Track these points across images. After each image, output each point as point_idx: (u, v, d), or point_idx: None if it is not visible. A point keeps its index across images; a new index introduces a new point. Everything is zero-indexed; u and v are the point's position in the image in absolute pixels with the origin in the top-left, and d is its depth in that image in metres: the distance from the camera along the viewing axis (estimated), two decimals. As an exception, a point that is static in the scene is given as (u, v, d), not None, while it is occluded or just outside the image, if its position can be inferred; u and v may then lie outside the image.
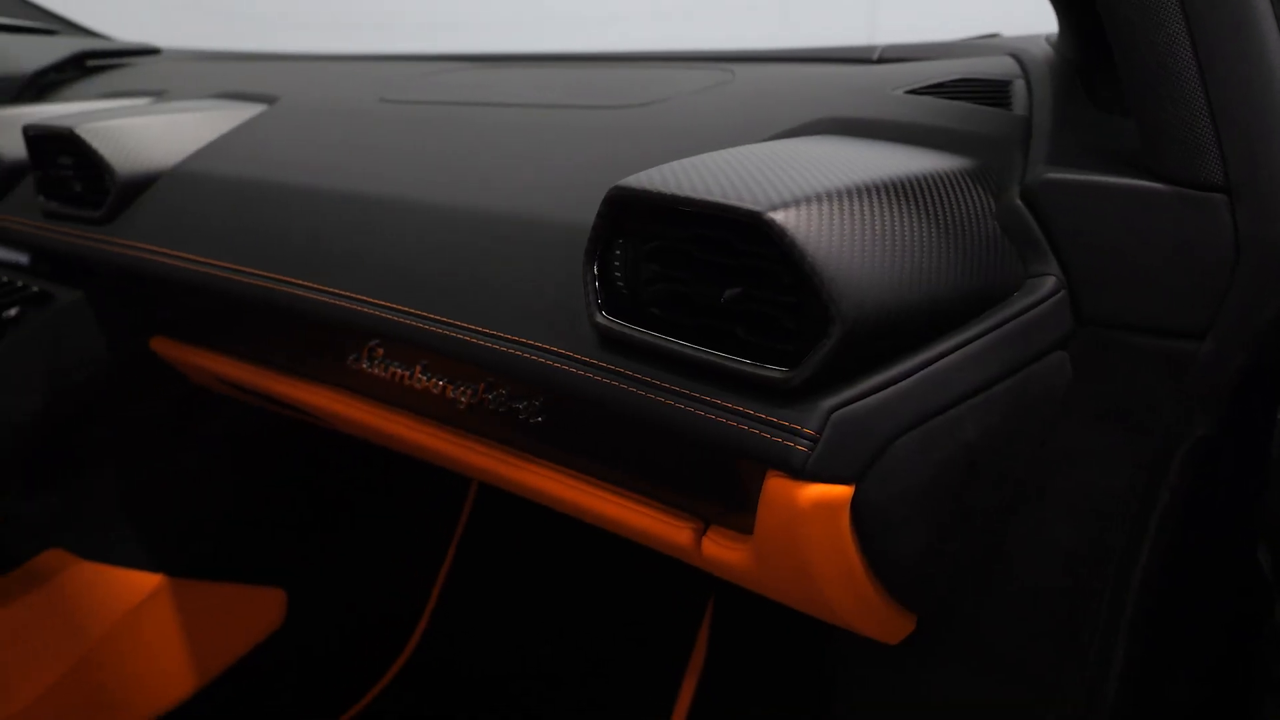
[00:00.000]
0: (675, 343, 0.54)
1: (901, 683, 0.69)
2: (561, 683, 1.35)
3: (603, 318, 0.58)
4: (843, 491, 0.49)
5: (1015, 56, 0.74)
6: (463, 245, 0.75)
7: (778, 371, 0.50)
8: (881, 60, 0.90)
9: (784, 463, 0.49)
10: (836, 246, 0.49)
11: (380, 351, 0.82)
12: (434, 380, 0.77)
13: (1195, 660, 0.67)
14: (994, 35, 0.93)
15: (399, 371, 0.80)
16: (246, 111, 1.11)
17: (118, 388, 1.16)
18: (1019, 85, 0.70)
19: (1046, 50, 0.73)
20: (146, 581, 1.20)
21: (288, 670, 1.34)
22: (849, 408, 0.49)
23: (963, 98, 0.71)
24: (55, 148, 1.06)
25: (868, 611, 0.58)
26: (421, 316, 0.73)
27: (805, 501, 0.49)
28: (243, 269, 0.87)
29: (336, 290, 0.80)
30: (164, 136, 1.04)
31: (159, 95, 1.32)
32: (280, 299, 0.84)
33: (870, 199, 0.52)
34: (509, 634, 1.41)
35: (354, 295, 0.78)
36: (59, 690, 1.10)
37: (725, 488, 0.58)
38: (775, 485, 0.50)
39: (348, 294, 0.79)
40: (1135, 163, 0.54)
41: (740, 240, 0.52)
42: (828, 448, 0.48)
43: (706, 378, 0.53)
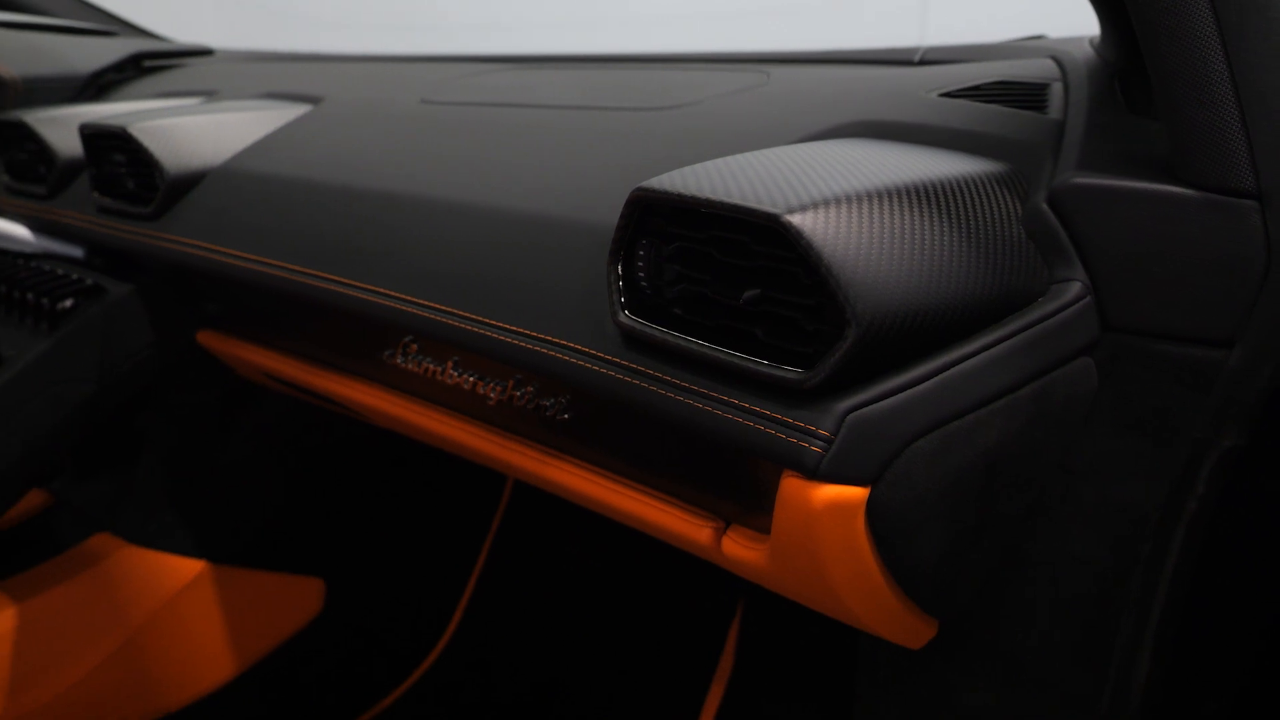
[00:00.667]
0: (694, 342, 0.55)
1: (926, 690, 0.69)
2: (590, 684, 1.36)
3: (625, 317, 0.59)
4: (857, 493, 0.49)
5: (1056, 59, 0.74)
6: (494, 245, 0.76)
7: (794, 372, 0.50)
8: (923, 62, 0.90)
9: (798, 463, 0.49)
10: (854, 249, 0.49)
11: (414, 347, 0.83)
12: (465, 376, 0.79)
13: (1226, 676, 0.65)
14: (1039, 37, 0.92)
15: (431, 367, 0.82)
16: (292, 111, 1.14)
17: (166, 379, 1.20)
18: (1056, 88, 0.70)
19: (1088, 53, 0.72)
20: (190, 568, 1.24)
21: (324, 659, 1.37)
22: (865, 410, 0.49)
23: (997, 101, 0.70)
24: (109, 145, 1.09)
25: (886, 615, 0.58)
26: (453, 314, 0.74)
27: (819, 502, 0.49)
28: (284, 265, 0.90)
29: (373, 287, 0.82)
30: (212, 135, 1.07)
31: (210, 95, 1.36)
32: (319, 295, 0.86)
33: (891, 202, 0.52)
34: (540, 632, 1.43)
35: (389, 292, 0.80)
36: (104, 670, 1.14)
37: (745, 488, 0.59)
38: (790, 486, 0.50)
39: (383, 291, 0.81)
40: (1166, 168, 0.54)
41: (759, 242, 0.52)
42: (842, 449, 0.48)
43: (724, 378, 0.54)
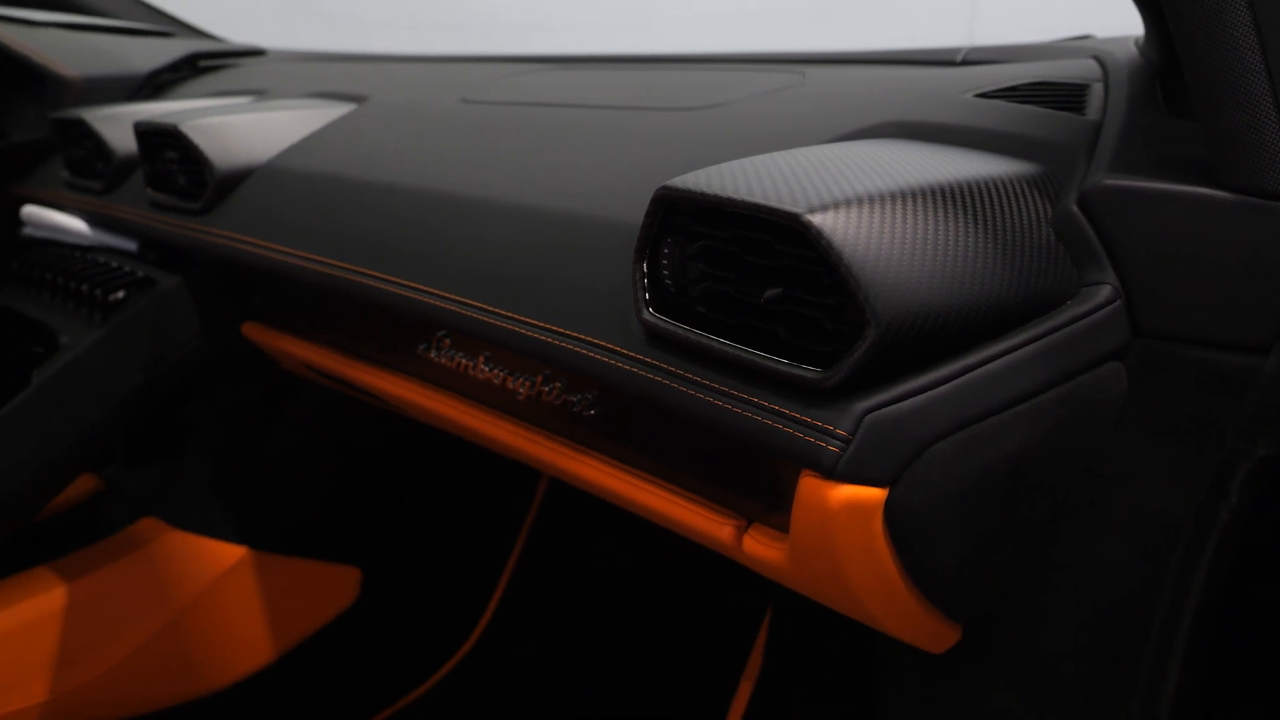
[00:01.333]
0: (716, 340, 0.55)
1: (949, 694, 0.68)
2: (619, 680, 1.37)
3: (649, 315, 0.59)
4: (875, 494, 0.49)
5: (1098, 59, 0.72)
6: (526, 242, 0.77)
7: (813, 372, 0.50)
8: (965, 62, 0.89)
9: (816, 462, 0.49)
10: (875, 249, 0.49)
11: (447, 342, 0.85)
12: (496, 371, 0.80)
13: (1259, 688, 0.64)
14: (1086, 37, 0.91)
15: (464, 362, 0.83)
16: (336, 110, 1.17)
17: (213, 370, 1.23)
18: (1096, 89, 0.69)
19: (1131, 53, 0.71)
20: (231, 553, 1.27)
21: (358, 647, 1.39)
22: (884, 410, 0.49)
23: (1034, 102, 0.70)
24: (162, 142, 1.13)
25: (907, 618, 0.58)
26: (485, 310, 0.75)
27: (836, 502, 0.49)
28: (324, 260, 0.92)
29: (408, 282, 0.83)
30: (259, 133, 1.10)
31: (261, 94, 1.40)
32: (357, 289, 0.88)
33: (914, 203, 0.51)
34: (571, 629, 1.44)
35: (424, 288, 0.81)
36: (146, 651, 1.17)
37: (765, 486, 0.59)
38: (808, 485, 0.50)
39: (418, 286, 0.82)
40: (1202, 170, 0.53)
41: (781, 242, 0.52)
42: (860, 449, 0.48)
43: (745, 376, 0.54)
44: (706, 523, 0.66)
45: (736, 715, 1.22)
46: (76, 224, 1.28)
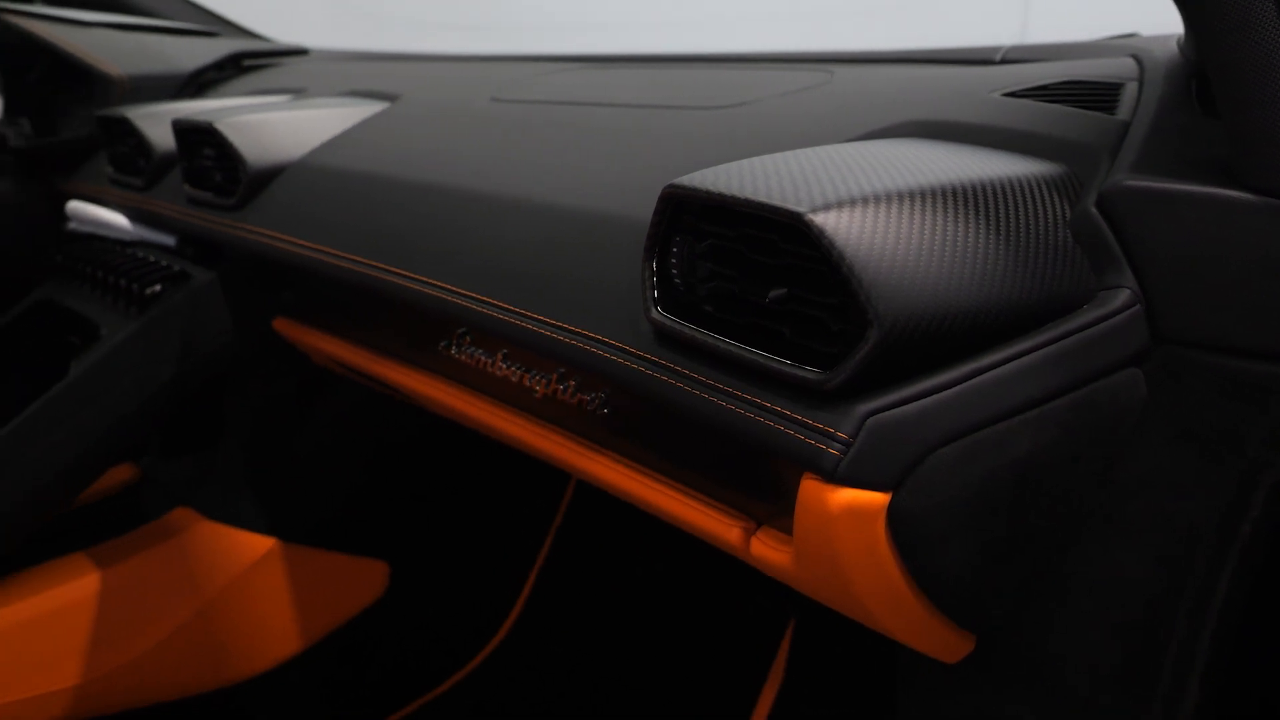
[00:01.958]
0: (721, 340, 0.55)
1: (963, 706, 0.67)
2: (642, 683, 1.37)
3: (657, 314, 0.59)
4: (877, 499, 0.48)
5: (1137, 58, 0.70)
6: (544, 240, 0.77)
7: (815, 373, 0.50)
8: (1005, 61, 0.87)
9: (816, 465, 0.48)
10: (879, 250, 0.48)
11: (467, 339, 0.85)
12: (513, 369, 0.80)
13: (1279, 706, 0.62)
14: (1132, 35, 0.89)
15: (483, 359, 0.84)
16: (369, 109, 1.18)
17: (246, 364, 1.26)
18: (1130, 88, 0.67)
19: (1171, 52, 0.69)
20: (262, 544, 1.29)
21: (385, 641, 1.41)
22: (886, 413, 0.48)
23: (1064, 101, 0.68)
24: (199, 139, 1.15)
25: (916, 625, 0.57)
26: (502, 307, 0.76)
27: (837, 506, 0.48)
28: (349, 256, 0.93)
29: (430, 280, 0.84)
30: (292, 131, 1.12)
31: (299, 93, 1.42)
32: (380, 286, 0.89)
33: (923, 203, 0.50)
34: (595, 631, 1.44)
35: (445, 285, 0.82)
36: (177, 638, 1.20)
37: (771, 488, 0.58)
38: (809, 488, 0.50)
39: (440, 284, 0.83)
40: (1227, 171, 0.51)
41: (786, 241, 0.52)
42: (861, 453, 0.47)
43: (749, 376, 0.53)
44: (716, 524, 0.65)
45: (760, 719, 1.21)
46: (118, 219, 1.31)
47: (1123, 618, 0.56)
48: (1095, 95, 0.67)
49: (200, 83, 1.61)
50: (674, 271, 0.59)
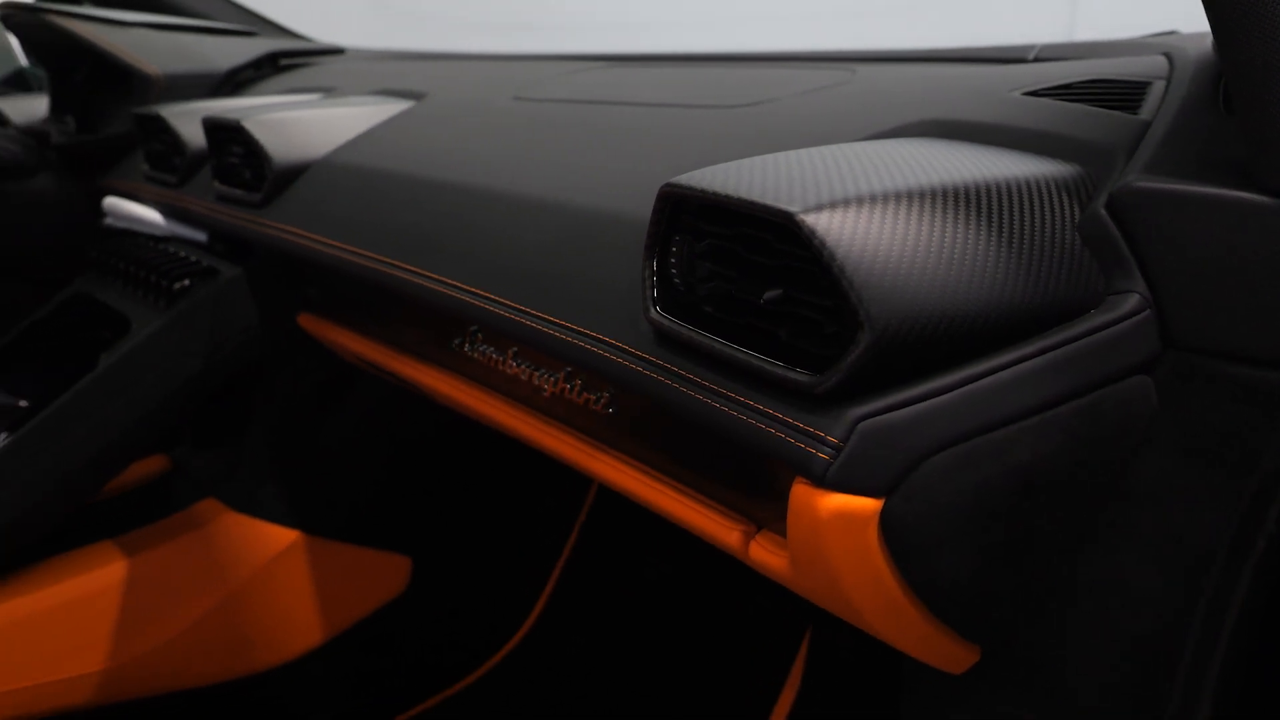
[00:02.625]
0: (717, 341, 0.54)
1: (969, 716, 0.66)
2: (663, 683, 1.36)
3: (655, 313, 0.59)
4: (868, 504, 0.47)
5: (1168, 56, 0.68)
6: (556, 239, 0.77)
7: (807, 375, 0.49)
8: (1037, 59, 0.85)
9: (806, 469, 0.47)
10: (872, 251, 0.47)
11: (480, 337, 0.86)
12: (523, 367, 0.80)
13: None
14: (1171, 32, 0.86)
15: (494, 357, 0.84)
16: (394, 107, 1.19)
17: (273, 359, 1.27)
18: (1157, 87, 0.65)
19: (1204, 50, 0.67)
20: (286, 536, 1.31)
21: (407, 635, 1.42)
22: (879, 418, 0.47)
23: (1087, 100, 0.66)
24: (227, 137, 1.17)
25: (915, 635, 0.56)
26: (513, 307, 0.76)
27: (827, 511, 0.47)
28: (366, 253, 0.94)
29: (444, 278, 0.84)
30: (318, 129, 1.13)
31: (329, 91, 1.44)
32: (396, 283, 0.89)
33: (921, 204, 0.49)
34: (616, 630, 1.44)
35: (458, 283, 0.82)
36: (201, 626, 1.22)
37: (768, 491, 0.58)
38: (801, 492, 0.49)
39: (453, 281, 0.83)
40: (1244, 173, 0.49)
41: (780, 241, 0.51)
42: (851, 457, 0.46)
43: (743, 378, 0.53)
44: (717, 526, 0.64)
45: None
46: (152, 215, 1.34)
47: (1133, 630, 0.55)
48: (1120, 94, 0.65)
49: (236, 81, 1.63)
50: (674, 271, 0.59)
